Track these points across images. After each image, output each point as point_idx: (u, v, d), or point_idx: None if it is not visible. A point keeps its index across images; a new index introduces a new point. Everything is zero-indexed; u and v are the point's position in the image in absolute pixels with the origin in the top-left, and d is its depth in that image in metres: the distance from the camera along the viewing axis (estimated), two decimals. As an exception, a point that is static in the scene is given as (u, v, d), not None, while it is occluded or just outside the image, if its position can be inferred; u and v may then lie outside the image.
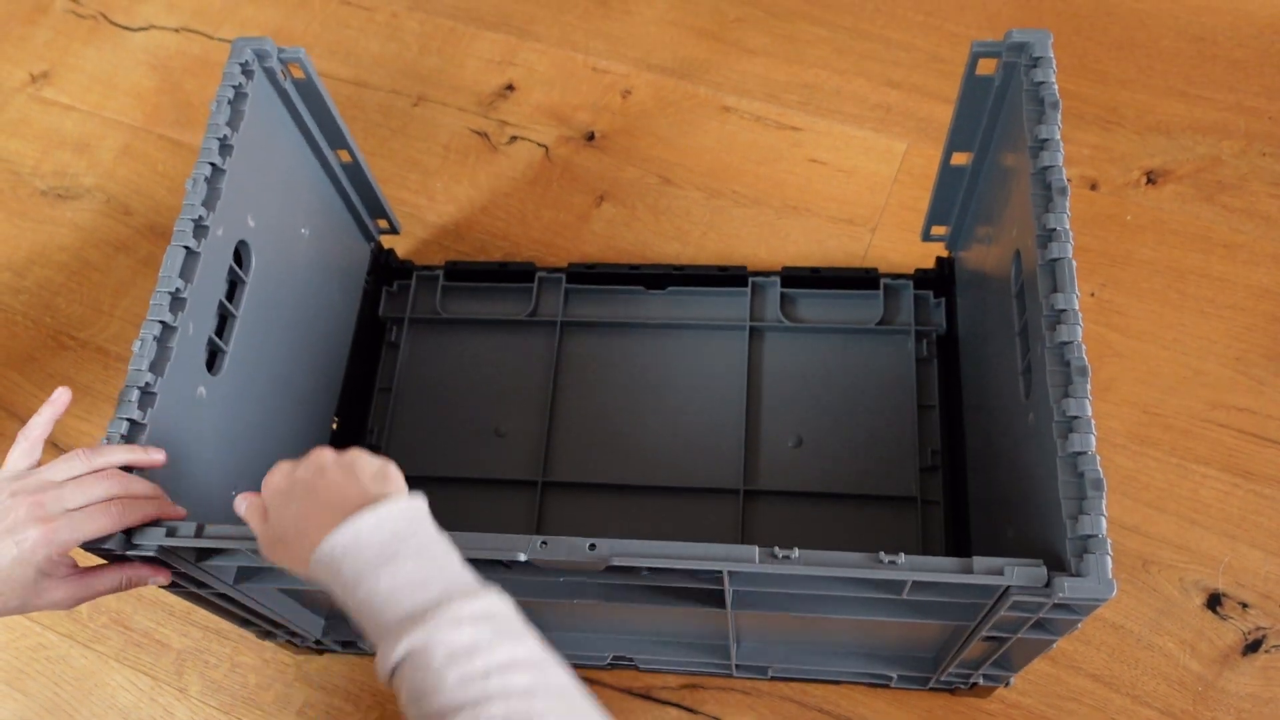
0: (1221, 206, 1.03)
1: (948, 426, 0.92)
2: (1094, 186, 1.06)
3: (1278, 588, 0.86)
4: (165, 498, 0.64)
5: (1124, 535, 0.89)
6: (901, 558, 0.58)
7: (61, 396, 0.67)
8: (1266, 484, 0.90)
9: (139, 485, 0.63)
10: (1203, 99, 1.09)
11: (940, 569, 0.58)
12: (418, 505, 0.53)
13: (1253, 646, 0.84)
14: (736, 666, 0.83)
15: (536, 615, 0.80)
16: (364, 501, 0.52)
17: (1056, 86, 0.69)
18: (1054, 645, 0.67)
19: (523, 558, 0.60)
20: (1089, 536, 0.57)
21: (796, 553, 0.59)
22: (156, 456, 0.65)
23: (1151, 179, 1.06)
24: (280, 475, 0.57)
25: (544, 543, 0.60)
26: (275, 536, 0.55)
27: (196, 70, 1.27)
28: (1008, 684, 0.81)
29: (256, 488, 0.59)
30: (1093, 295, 1.00)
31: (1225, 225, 1.02)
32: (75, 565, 0.63)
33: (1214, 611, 0.86)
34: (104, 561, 0.65)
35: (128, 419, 0.66)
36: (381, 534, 0.51)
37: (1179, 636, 0.85)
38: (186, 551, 0.65)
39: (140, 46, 1.29)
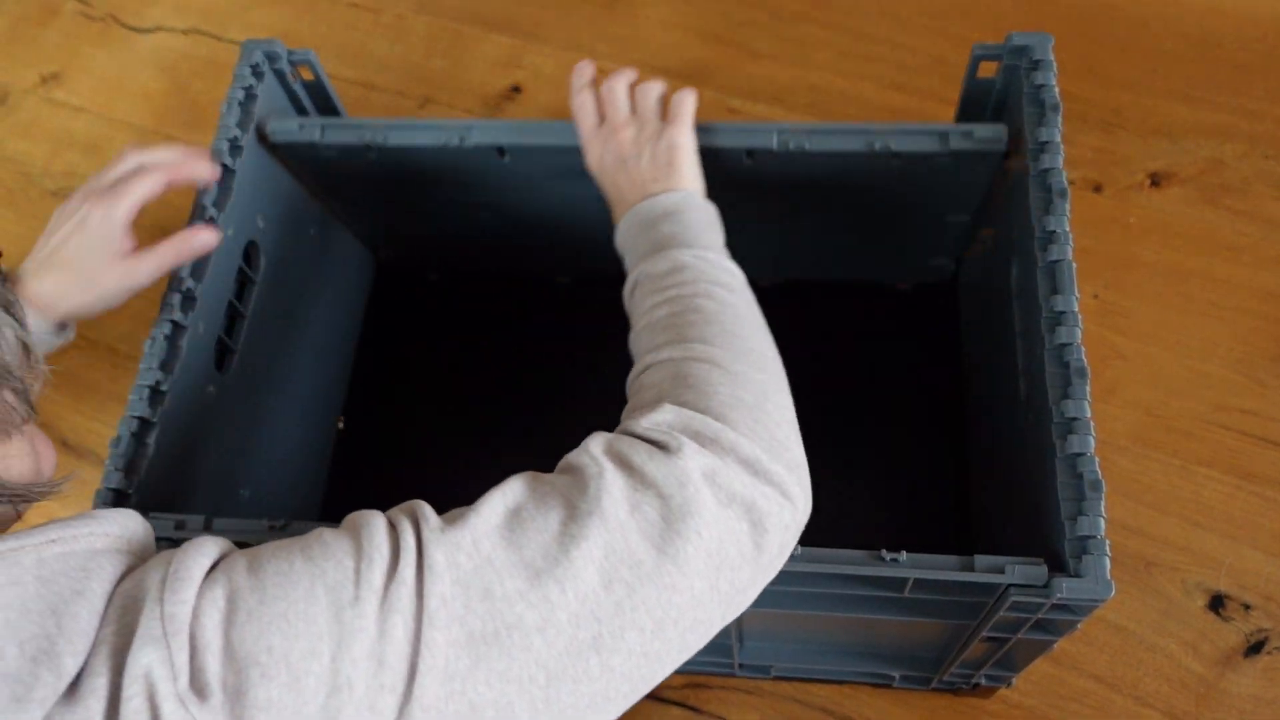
0: (1225, 209, 1.03)
1: (955, 426, 0.93)
2: (1097, 189, 1.06)
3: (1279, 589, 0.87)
4: (202, 159, 0.73)
5: (1126, 537, 0.89)
6: (903, 555, 0.59)
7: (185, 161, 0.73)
8: (1269, 486, 0.90)
9: (173, 154, 0.71)
10: (1206, 102, 1.09)
11: (941, 567, 0.59)
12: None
13: (1255, 648, 0.85)
14: (740, 665, 0.84)
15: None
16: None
17: (1057, 89, 0.70)
18: (1055, 646, 0.67)
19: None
20: (1088, 537, 0.58)
21: (798, 549, 0.59)
22: (201, 168, 0.71)
23: (1155, 181, 1.06)
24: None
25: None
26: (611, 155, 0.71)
27: (205, 72, 1.27)
28: (1009, 684, 0.81)
29: (264, 487, 0.61)
30: (1096, 297, 1.00)
31: (1229, 228, 1.02)
32: (136, 245, 0.70)
33: (1216, 613, 0.86)
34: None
35: (138, 417, 0.67)
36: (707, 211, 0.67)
37: (1181, 638, 0.85)
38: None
39: (149, 48, 1.30)
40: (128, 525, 0.42)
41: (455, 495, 0.94)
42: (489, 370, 1.01)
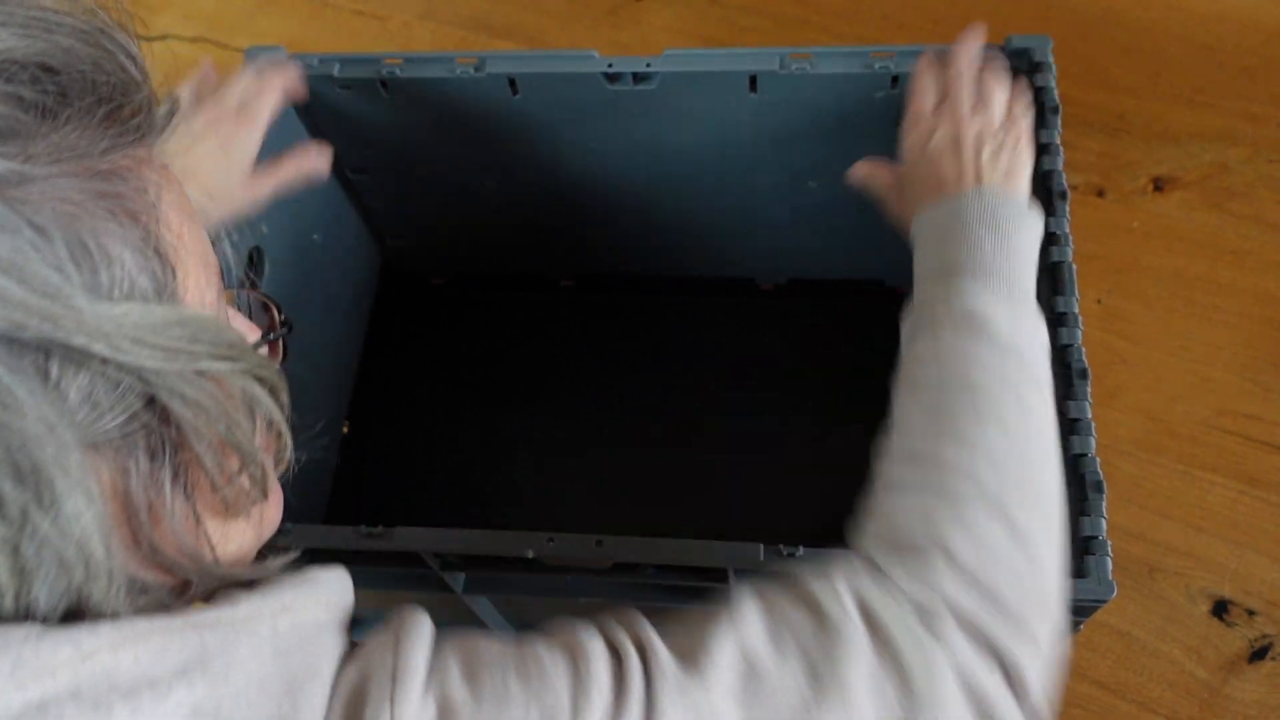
0: (1229, 213, 1.03)
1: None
2: (1101, 193, 1.06)
3: (1285, 594, 0.86)
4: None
5: (1130, 542, 0.89)
6: None
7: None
8: (1273, 491, 0.90)
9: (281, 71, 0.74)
10: (1210, 106, 1.09)
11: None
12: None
13: (1259, 654, 0.84)
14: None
15: (546, 610, 0.81)
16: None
17: (1056, 91, 0.70)
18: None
19: (530, 554, 0.61)
20: (1090, 538, 0.58)
21: (801, 550, 0.60)
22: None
23: (1159, 186, 1.06)
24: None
25: (550, 540, 0.61)
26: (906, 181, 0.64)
27: (211, 79, 1.28)
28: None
29: None
30: (1099, 302, 1.00)
31: (1233, 232, 1.02)
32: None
33: (1220, 619, 0.86)
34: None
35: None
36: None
37: (1185, 643, 0.85)
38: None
39: (156, 56, 1.30)
40: (344, 590, 0.39)
41: (460, 498, 0.95)
42: (493, 375, 1.02)
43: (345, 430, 0.97)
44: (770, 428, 0.96)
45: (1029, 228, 0.57)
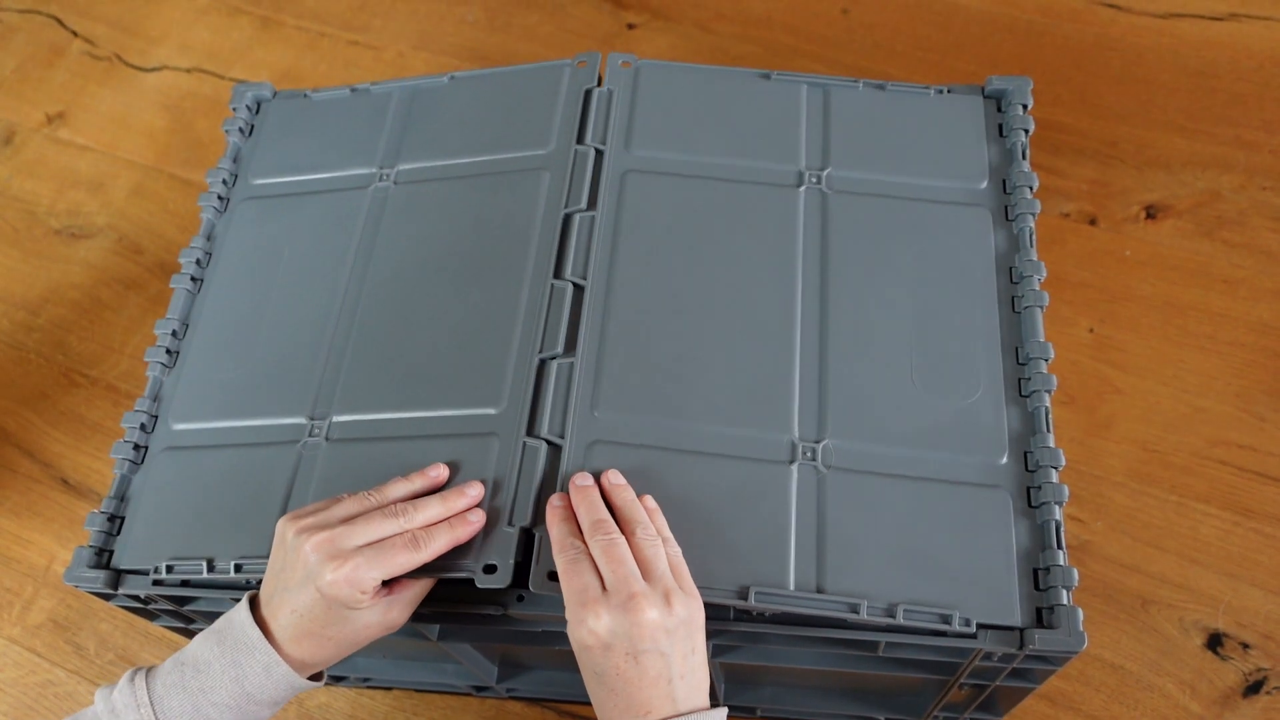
0: (1221, 241, 1.03)
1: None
2: (1093, 221, 1.06)
3: (1279, 628, 0.85)
4: (468, 519, 0.58)
5: (1123, 574, 0.88)
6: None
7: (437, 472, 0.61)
8: (1267, 522, 0.89)
9: (427, 513, 0.58)
10: (1202, 133, 1.09)
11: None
12: None
13: (1254, 688, 0.83)
14: (728, 707, 0.83)
15: (531, 658, 0.81)
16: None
17: (1024, 134, 0.70)
18: (1035, 690, 0.66)
19: (500, 612, 0.61)
20: (1061, 588, 0.57)
21: (768, 612, 0.59)
22: (465, 531, 0.58)
23: (1151, 214, 1.05)
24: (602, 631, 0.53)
25: (521, 597, 0.60)
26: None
27: (207, 110, 1.29)
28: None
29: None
30: (1091, 331, 0.99)
31: (1225, 260, 1.02)
32: (380, 588, 0.57)
33: (1214, 652, 0.85)
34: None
35: (127, 459, 0.67)
36: None
37: (1179, 677, 0.84)
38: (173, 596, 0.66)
39: (153, 87, 1.32)
40: None
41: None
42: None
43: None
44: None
45: None
